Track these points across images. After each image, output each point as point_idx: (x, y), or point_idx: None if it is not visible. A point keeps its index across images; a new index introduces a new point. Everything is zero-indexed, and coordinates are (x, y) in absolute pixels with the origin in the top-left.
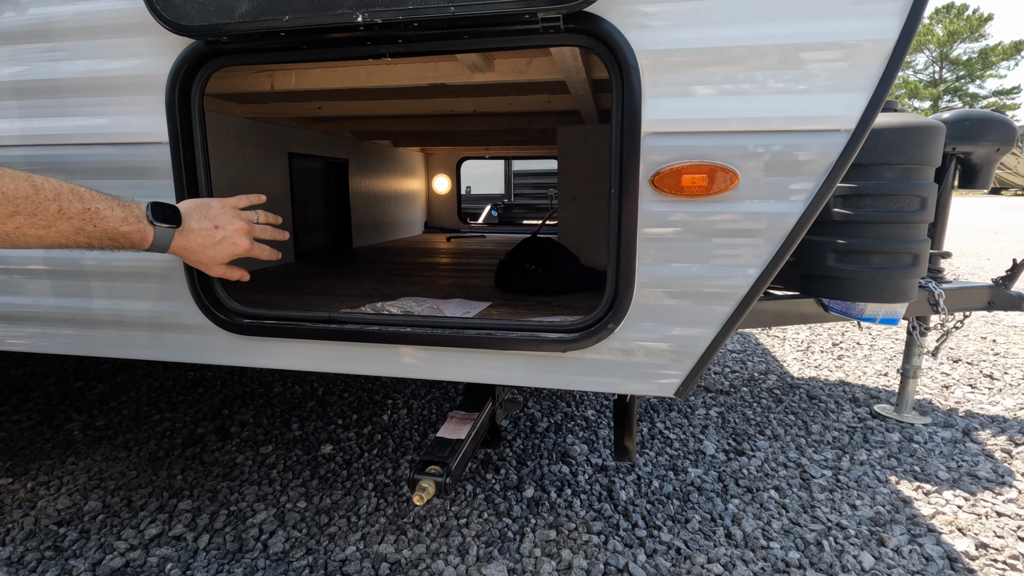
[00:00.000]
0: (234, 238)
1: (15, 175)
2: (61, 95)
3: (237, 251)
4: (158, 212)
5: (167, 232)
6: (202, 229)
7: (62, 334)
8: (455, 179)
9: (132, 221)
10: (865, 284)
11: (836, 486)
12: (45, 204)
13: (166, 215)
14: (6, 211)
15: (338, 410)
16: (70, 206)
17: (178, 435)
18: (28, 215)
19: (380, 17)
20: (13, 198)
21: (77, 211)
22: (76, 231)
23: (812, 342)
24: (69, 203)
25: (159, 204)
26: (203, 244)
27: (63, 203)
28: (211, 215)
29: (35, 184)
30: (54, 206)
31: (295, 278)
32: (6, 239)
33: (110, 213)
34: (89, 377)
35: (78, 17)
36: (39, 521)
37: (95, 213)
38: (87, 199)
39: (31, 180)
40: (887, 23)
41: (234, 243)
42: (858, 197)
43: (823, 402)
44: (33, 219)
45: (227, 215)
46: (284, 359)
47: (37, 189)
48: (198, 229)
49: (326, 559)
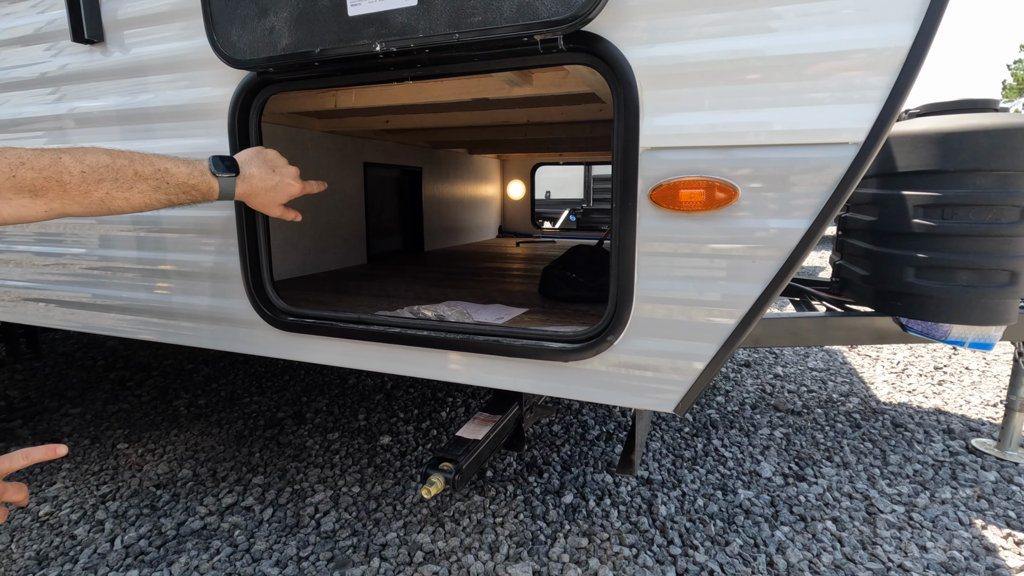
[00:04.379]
0: (289, 180)
1: (94, 150)
2: (150, 121)
3: (293, 191)
4: (219, 164)
5: (229, 181)
6: (261, 174)
7: (152, 323)
8: (529, 185)
9: (197, 175)
10: (950, 303)
11: (907, 524)
12: (123, 169)
13: (226, 166)
14: (94, 178)
15: (402, 404)
16: (143, 168)
17: (262, 417)
18: (112, 181)
19: (395, 46)
20: (97, 167)
21: (150, 172)
22: (154, 189)
23: (910, 364)
24: (142, 166)
25: (218, 157)
26: (264, 188)
27: (137, 167)
28: (268, 161)
29: (111, 154)
30: (130, 170)
31: (360, 279)
32: (102, 205)
33: (177, 170)
34: (198, 361)
35: (163, 56)
36: (142, 482)
37: (165, 172)
38: (156, 161)
39: (108, 152)
40: (900, 29)
41: (290, 183)
42: (942, 207)
43: (910, 431)
44: (116, 184)
45: (280, 160)
46: (320, 354)
47: (114, 158)
48: (258, 175)
49: (368, 542)
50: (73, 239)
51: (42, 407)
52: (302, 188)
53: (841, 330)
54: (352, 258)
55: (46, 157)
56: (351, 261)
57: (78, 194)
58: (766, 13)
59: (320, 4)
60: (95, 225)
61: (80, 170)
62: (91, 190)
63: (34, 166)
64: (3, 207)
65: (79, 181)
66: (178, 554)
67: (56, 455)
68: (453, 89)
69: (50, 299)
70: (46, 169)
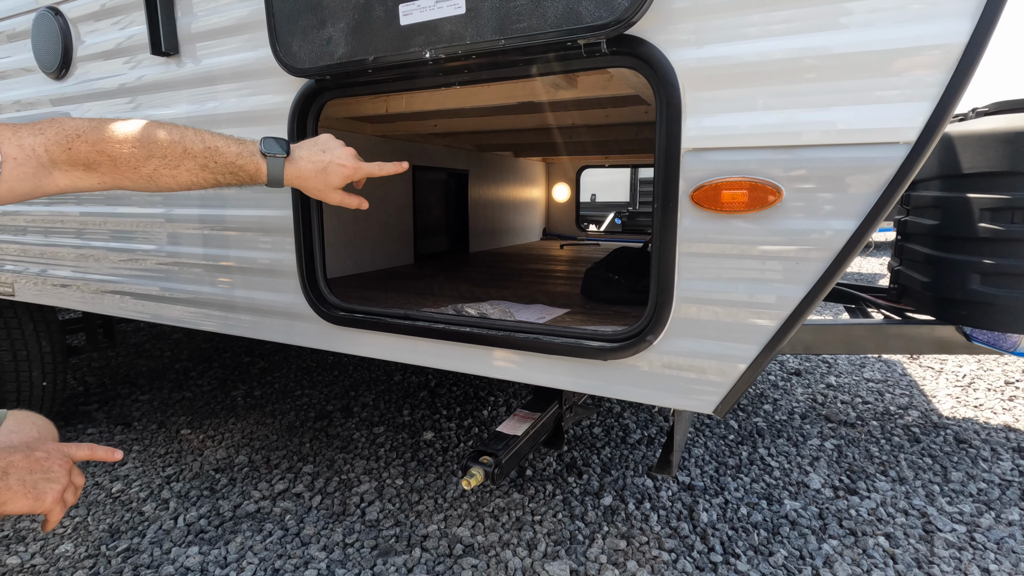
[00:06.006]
0: (342, 159)
1: (147, 124)
2: (218, 126)
3: (347, 172)
4: (269, 144)
5: (278, 162)
6: (311, 155)
7: (215, 315)
8: (574, 187)
9: (246, 155)
10: (1019, 312)
11: (968, 544)
12: (172, 146)
13: (277, 146)
14: (143, 154)
15: (445, 401)
16: (192, 146)
17: (312, 409)
18: (160, 157)
19: (443, 53)
20: (147, 143)
21: (199, 150)
22: (201, 167)
23: (977, 377)
24: (192, 143)
25: (270, 138)
26: (314, 170)
27: (187, 144)
28: (318, 142)
29: (164, 128)
30: (179, 147)
31: (407, 278)
32: (150, 181)
33: (227, 149)
34: (255, 354)
35: (230, 66)
36: (203, 466)
37: (215, 150)
38: (207, 139)
39: (160, 126)
40: (956, 25)
41: (343, 164)
42: (1012, 210)
43: (975, 448)
44: (164, 160)
45: (334, 142)
46: (368, 348)
47: (169, 132)
48: (307, 156)
49: (410, 532)
50: (144, 236)
51: (115, 393)
52: (358, 167)
53: (899, 338)
54: (400, 258)
55: (100, 129)
56: (399, 261)
57: (127, 168)
58: (809, 13)
59: (374, 15)
60: (164, 223)
61: (131, 145)
62: (140, 165)
63: (89, 139)
64: (60, 178)
65: (128, 156)
66: (234, 534)
67: (113, 459)
68: (499, 93)
69: (125, 291)
70: (99, 143)
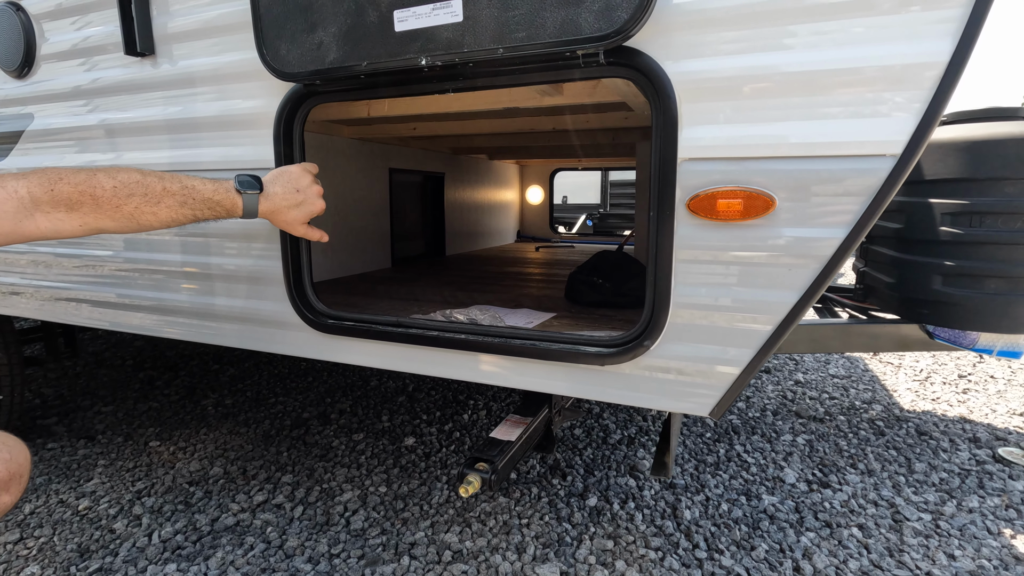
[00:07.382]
0: (312, 199)
1: (127, 168)
2: (198, 130)
3: (315, 210)
4: (244, 182)
5: (252, 198)
6: (285, 193)
7: (193, 324)
8: (548, 190)
9: (222, 192)
10: (978, 311)
11: (934, 532)
12: (152, 185)
13: (250, 183)
14: (125, 193)
15: (424, 406)
16: (171, 185)
17: (288, 417)
18: (141, 195)
19: (440, 60)
20: (128, 183)
21: (177, 188)
22: (180, 203)
23: (933, 372)
24: (170, 183)
25: (245, 175)
26: (287, 205)
27: (166, 183)
28: (292, 179)
29: (142, 172)
30: (159, 186)
31: (387, 282)
32: (131, 220)
33: (203, 187)
34: (224, 361)
35: (211, 68)
36: (176, 479)
37: (192, 188)
38: (183, 179)
39: (139, 170)
40: (938, 45)
41: (313, 203)
42: (970, 215)
43: (935, 439)
44: (145, 198)
45: (305, 179)
46: (359, 356)
47: (144, 175)
48: (281, 193)
49: (397, 540)
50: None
51: (75, 405)
52: (323, 208)
53: (864, 337)
54: (377, 262)
55: (82, 173)
56: (376, 265)
57: (109, 208)
58: (805, 29)
59: (368, 20)
60: None
61: (112, 185)
62: (121, 204)
63: (71, 181)
64: (42, 220)
65: (111, 195)
66: (214, 549)
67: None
68: (485, 98)
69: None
70: (81, 184)
